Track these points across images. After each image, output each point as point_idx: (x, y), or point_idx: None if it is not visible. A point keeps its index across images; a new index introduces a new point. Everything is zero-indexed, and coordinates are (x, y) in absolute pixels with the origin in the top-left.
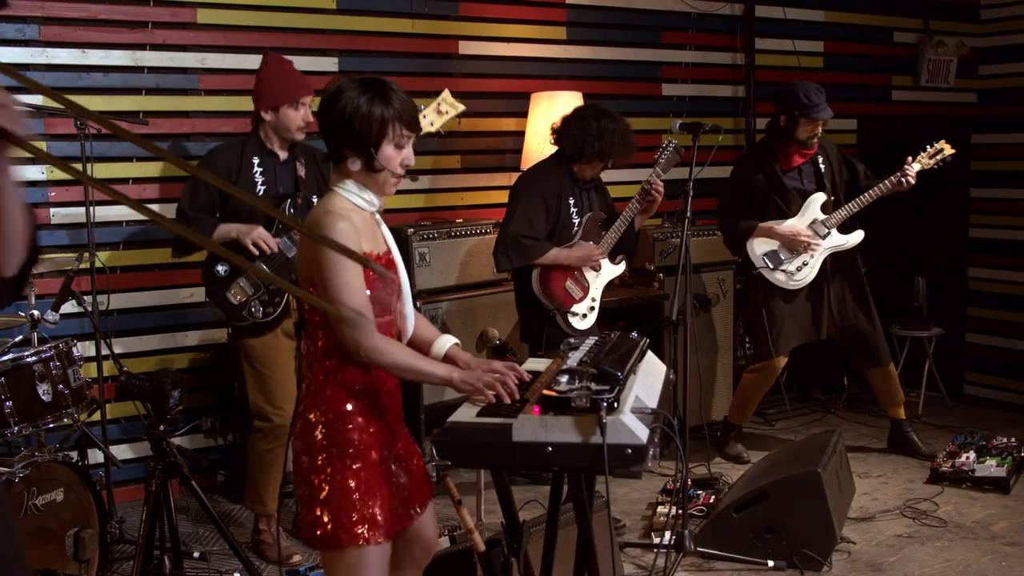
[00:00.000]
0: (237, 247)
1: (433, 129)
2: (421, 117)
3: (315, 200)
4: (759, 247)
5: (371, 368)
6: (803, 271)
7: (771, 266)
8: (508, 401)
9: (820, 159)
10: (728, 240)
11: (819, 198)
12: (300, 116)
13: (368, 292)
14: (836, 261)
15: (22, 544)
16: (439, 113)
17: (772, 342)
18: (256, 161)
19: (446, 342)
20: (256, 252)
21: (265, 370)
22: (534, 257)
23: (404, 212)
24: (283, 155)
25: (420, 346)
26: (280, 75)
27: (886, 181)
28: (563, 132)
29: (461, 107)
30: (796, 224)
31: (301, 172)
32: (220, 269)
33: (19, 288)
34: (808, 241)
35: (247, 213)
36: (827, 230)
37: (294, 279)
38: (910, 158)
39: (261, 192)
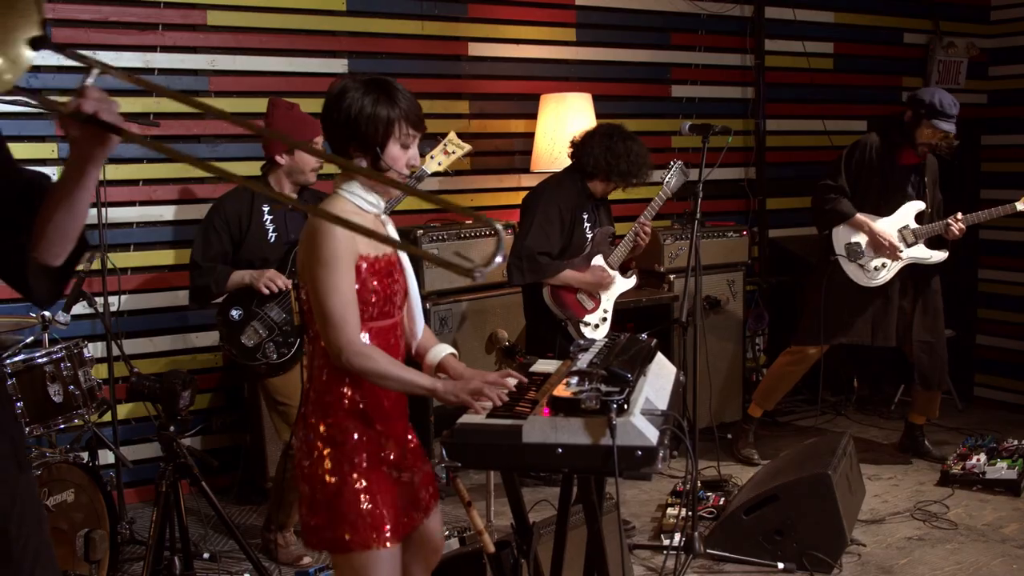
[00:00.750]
0: (251, 293)
1: (440, 169)
2: (428, 158)
3: None
4: (844, 235)
5: None
6: (879, 272)
7: (849, 257)
8: (498, 404)
9: (925, 172)
10: (819, 215)
11: (917, 205)
12: (315, 158)
13: (374, 291)
14: (916, 276)
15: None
16: (446, 154)
17: (822, 330)
18: (266, 209)
19: (441, 351)
20: (267, 292)
21: (288, 401)
22: (547, 276)
23: (414, 213)
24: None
25: (418, 352)
26: (291, 119)
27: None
28: (586, 150)
29: (467, 147)
30: (887, 225)
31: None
32: (234, 313)
33: (64, 283)
34: (893, 249)
35: (260, 261)
36: (915, 240)
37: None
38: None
39: (272, 239)
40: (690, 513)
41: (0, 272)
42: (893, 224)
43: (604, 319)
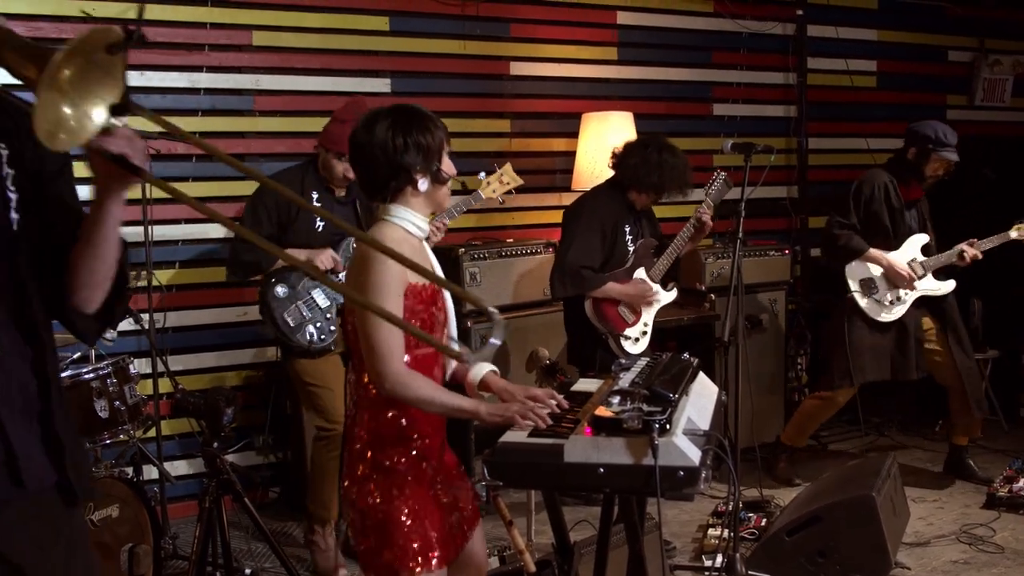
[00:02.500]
0: (297, 274)
1: (495, 196)
2: (485, 184)
3: None
4: (857, 271)
5: None
6: (895, 306)
7: (864, 293)
8: (543, 426)
9: (922, 205)
10: (832, 252)
11: (922, 239)
12: (342, 169)
13: (419, 318)
14: (931, 308)
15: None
16: (501, 183)
17: (847, 373)
18: (315, 196)
19: (482, 369)
20: (326, 268)
21: (318, 383)
22: (590, 289)
23: (455, 232)
24: (340, 192)
25: (457, 372)
26: (343, 123)
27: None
28: (623, 159)
29: (520, 181)
30: (899, 258)
31: (360, 210)
32: (279, 291)
33: (106, 324)
34: (911, 279)
35: (306, 246)
36: (924, 272)
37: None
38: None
39: (320, 228)
40: (732, 534)
41: (50, 309)
42: (903, 257)
43: (644, 332)
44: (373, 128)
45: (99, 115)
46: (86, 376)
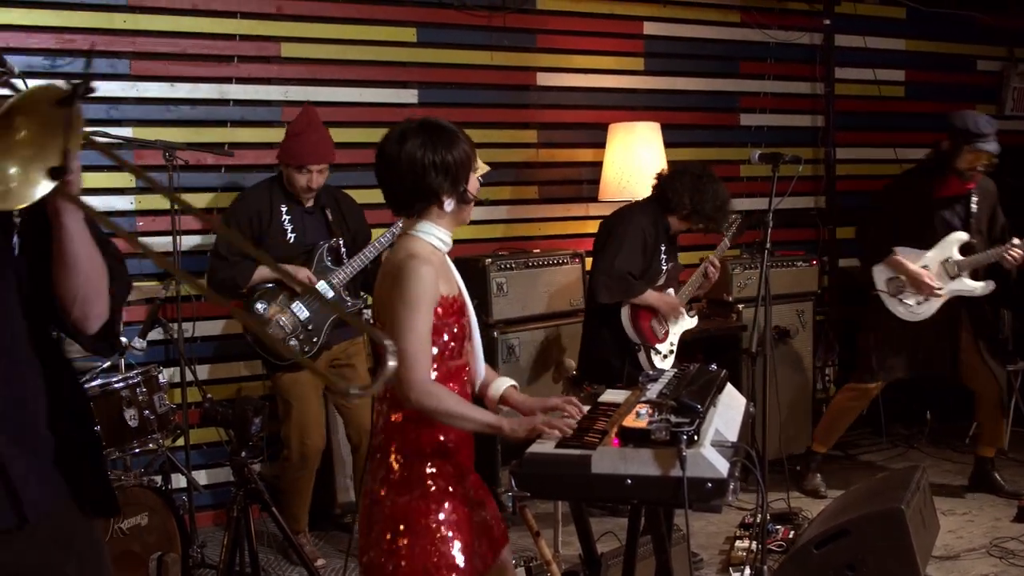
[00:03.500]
0: (276, 289)
1: None
2: None
3: (342, 245)
4: (884, 272)
5: None
6: (923, 306)
7: (891, 293)
8: (568, 435)
9: (974, 198)
10: (862, 256)
11: (960, 237)
12: (305, 180)
13: (445, 336)
14: (968, 306)
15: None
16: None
17: (876, 365)
18: (284, 209)
19: (503, 384)
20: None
21: (294, 402)
22: (633, 296)
23: (481, 242)
24: (308, 203)
25: (480, 389)
26: (297, 135)
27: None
28: (674, 185)
29: (486, 168)
30: (929, 259)
31: (330, 216)
32: (259, 307)
33: (113, 339)
34: (932, 288)
35: (278, 260)
36: (958, 272)
37: (335, 321)
38: None
39: (292, 239)
40: (759, 546)
41: (59, 327)
42: (935, 258)
43: (672, 351)
44: (403, 145)
45: (45, 184)
46: (116, 385)
